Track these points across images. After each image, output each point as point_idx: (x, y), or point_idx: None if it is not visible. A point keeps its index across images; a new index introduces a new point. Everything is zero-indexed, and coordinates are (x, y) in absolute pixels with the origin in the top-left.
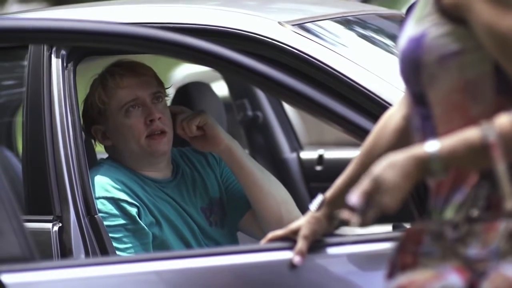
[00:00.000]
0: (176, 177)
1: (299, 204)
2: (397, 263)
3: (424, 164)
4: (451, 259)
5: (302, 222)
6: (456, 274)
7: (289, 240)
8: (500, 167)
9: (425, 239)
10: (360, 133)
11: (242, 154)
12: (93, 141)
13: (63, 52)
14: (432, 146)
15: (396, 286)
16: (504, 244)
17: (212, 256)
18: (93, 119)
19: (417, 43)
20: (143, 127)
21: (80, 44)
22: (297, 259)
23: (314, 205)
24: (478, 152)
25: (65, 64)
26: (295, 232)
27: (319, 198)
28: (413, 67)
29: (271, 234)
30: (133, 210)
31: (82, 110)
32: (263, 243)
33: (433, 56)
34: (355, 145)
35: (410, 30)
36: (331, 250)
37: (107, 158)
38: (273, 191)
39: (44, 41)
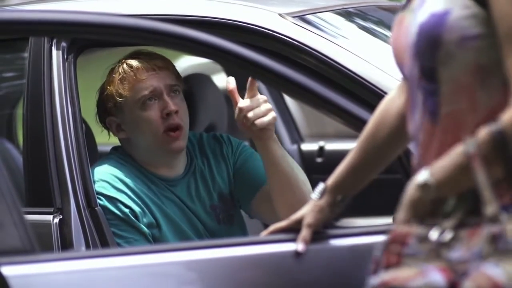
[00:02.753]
0: (187, 173)
1: None
2: (381, 262)
3: (416, 192)
4: (435, 260)
5: (304, 211)
6: (439, 273)
7: (293, 231)
8: (480, 175)
9: (411, 241)
10: (360, 125)
11: (279, 149)
12: (107, 132)
13: (63, 44)
14: (422, 175)
15: (379, 281)
16: (487, 247)
17: (214, 248)
18: (109, 110)
19: (439, 20)
20: (160, 121)
21: (80, 36)
22: (300, 246)
23: (316, 193)
24: (465, 170)
25: (65, 56)
26: (299, 222)
27: (320, 186)
28: (431, 42)
29: (274, 226)
30: (127, 211)
31: (97, 100)
32: (265, 234)
33: (454, 36)
34: (356, 137)
35: (432, 5)
36: (334, 242)
37: (117, 151)
38: (298, 187)
39: (45, 33)
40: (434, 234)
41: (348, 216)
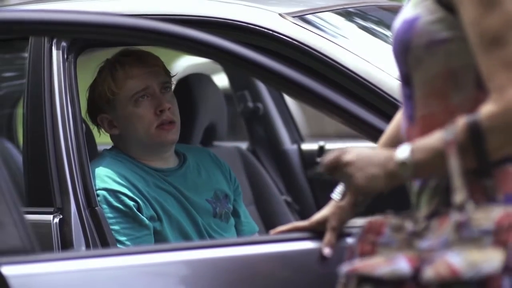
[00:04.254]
0: (182, 167)
1: (299, 195)
2: (356, 251)
3: (394, 167)
4: (405, 250)
5: (327, 213)
6: (406, 261)
7: (312, 231)
8: (453, 162)
9: (385, 230)
10: (360, 125)
11: None
12: (97, 129)
13: (63, 44)
14: (403, 152)
15: (350, 268)
16: (452, 235)
17: (215, 248)
18: (100, 108)
19: (409, 25)
20: (153, 117)
21: (80, 36)
22: (327, 251)
23: (337, 194)
24: (442, 155)
25: (65, 56)
26: (320, 223)
27: (341, 187)
28: (403, 48)
29: (293, 225)
30: (132, 203)
31: (87, 98)
32: (282, 230)
33: (422, 40)
34: (356, 137)
35: (406, 12)
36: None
37: (110, 150)
38: None
39: (45, 33)
40: (409, 224)
41: None
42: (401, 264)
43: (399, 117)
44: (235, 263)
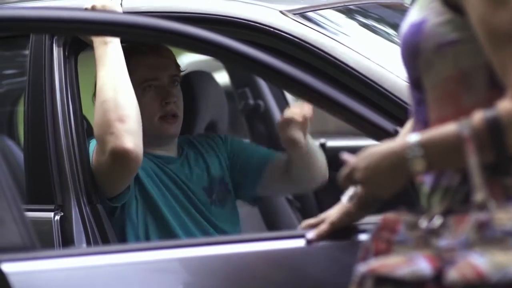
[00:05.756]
0: (180, 157)
1: (301, 194)
2: (371, 249)
3: (404, 154)
4: (423, 248)
5: (333, 212)
6: (426, 261)
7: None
8: (472, 160)
9: (400, 228)
10: (361, 122)
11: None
12: None
13: (64, 41)
14: (413, 137)
15: (367, 268)
16: (473, 235)
17: (218, 245)
18: None
19: (417, 29)
20: (158, 108)
21: (81, 34)
22: (311, 234)
23: (346, 197)
24: (454, 146)
25: (66, 53)
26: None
27: (351, 191)
28: (412, 52)
29: (305, 223)
30: None
31: (95, 82)
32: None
33: (431, 43)
34: (357, 135)
35: (412, 16)
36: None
37: None
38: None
39: (46, 31)
40: (423, 221)
41: None
42: (422, 265)
43: (410, 126)
44: (234, 260)
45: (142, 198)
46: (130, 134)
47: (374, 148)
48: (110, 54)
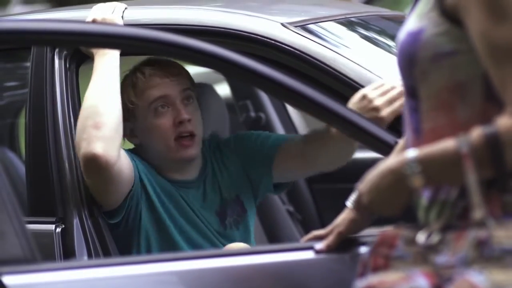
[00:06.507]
0: (199, 178)
1: (302, 206)
2: (369, 265)
3: (401, 170)
4: (421, 265)
5: (340, 220)
6: (424, 278)
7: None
8: (471, 177)
9: (398, 243)
10: (362, 135)
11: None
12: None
13: (65, 53)
14: (410, 153)
15: (366, 284)
16: (472, 252)
17: (220, 258)
18: (123, 115)
19: (414, 38)
20: (172, 128)
21: (82, 46)
22: (319, 246)
23: (351, 202)
24: (452, 162)
25: (67, 65)
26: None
27: (355, 194)
28: (408, 61)
29: (313, 234)
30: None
31: None
32: (304, 241)
33: (428, 53)
34: (358, 147)
35: (410, 24)
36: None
37: (131, 150)
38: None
39: (47, 43)
40: (421, 237)
41: None
42: (420, 281)
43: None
44: (240, 272)
45: (149, 214)
46: (101, 141)
47: (373, 170)
48: (104, 64)
